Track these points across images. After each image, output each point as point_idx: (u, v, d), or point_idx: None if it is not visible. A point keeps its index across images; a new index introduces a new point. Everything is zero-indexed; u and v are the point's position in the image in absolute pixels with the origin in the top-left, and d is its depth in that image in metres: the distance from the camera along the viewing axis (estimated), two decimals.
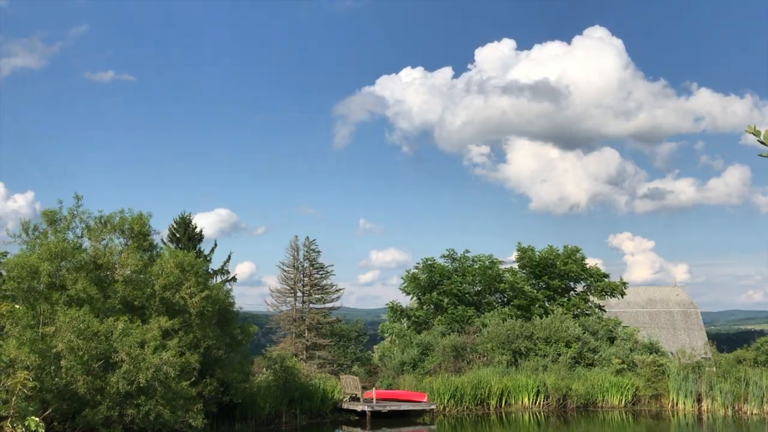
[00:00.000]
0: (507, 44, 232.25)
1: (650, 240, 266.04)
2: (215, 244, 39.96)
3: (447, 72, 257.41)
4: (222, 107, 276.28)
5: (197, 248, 37.30)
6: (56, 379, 17.86)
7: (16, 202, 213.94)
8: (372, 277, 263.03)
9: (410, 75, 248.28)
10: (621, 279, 42.70)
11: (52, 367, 17.82)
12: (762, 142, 4.16)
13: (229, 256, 40.44)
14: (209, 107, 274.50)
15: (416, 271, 41.19)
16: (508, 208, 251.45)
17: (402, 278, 41.57)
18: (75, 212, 22.20)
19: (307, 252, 47.43)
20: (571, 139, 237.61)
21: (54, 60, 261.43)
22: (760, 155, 4.20)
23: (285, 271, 47.53)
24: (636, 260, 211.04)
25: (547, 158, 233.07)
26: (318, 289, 47.71)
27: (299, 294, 47.64)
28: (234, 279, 40.05)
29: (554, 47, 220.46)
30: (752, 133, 4.16)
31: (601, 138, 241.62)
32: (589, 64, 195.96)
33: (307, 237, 48.36)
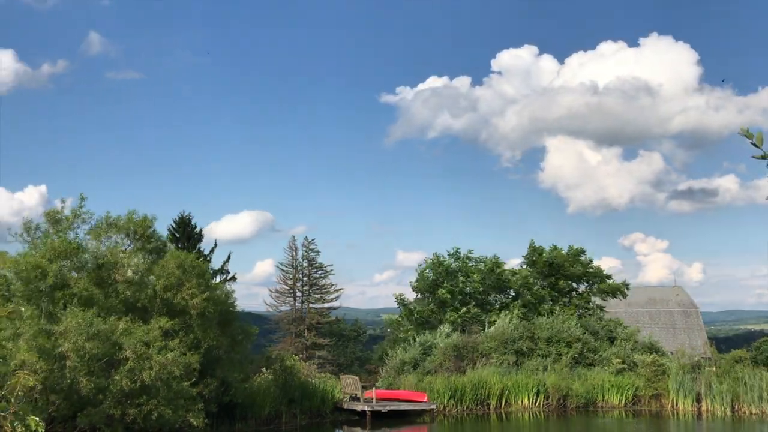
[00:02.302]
0: (529, 50, 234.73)
1: (664, 240, 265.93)
2: (215, 244, 39.93)
3: (472, 79, 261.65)
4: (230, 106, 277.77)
5: (197, 248, 37.30)
6: (60, 380, 17.88)
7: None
8: (388, 277, 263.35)
9: (438, 82, 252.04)
10: (624, 281, 42.78)
11: (56, 366, 17.84)
12: (755, 145, 4.18)
13: (229, 256, 40.46)
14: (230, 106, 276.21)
15: (425, 268, 41.23)
16: (550, 208, 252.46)
17: (417, 272, 41.52)
18: (78, 212, 22.21)
19: (305, 252, 47.44)
20: (623, 139, 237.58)
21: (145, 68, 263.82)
22: (753, 157, 4.23)
23: (284, 271, 47.56)
24: (651, 260, 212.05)
25: (596, 159, 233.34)
26: (317, 289, 47.71)
27: (298, 294, 47.65)
28: (234, 279, 40.08)
29: (611, 50, 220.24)
30: (745, 135, 4.18)
31: (656, 138, 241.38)
32: (652, 65, 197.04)
33: (306, 237, 48.47)
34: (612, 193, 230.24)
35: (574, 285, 42.06)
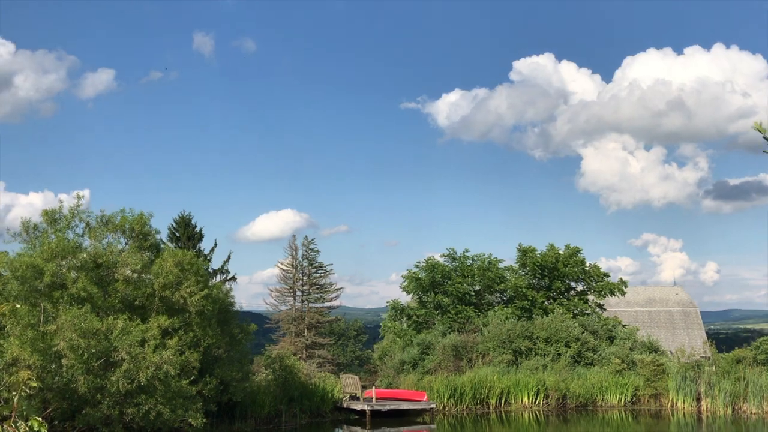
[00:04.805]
0: (548, 57, 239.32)
1: (678, 240, 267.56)
2: (215, 244, 39.91)
3: (491, 85, 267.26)
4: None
5: (197, 248, 37.30)
6: (57, 378, 17.86)
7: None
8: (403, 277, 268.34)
9: (465, 89, 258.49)
10: (621, 279, 42.73)
11: (53, 366, 17.83)
12: (767, 139, 4.19)
13: (229, 256, 40.43)
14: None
15: (417, 270, 41.17)
16: (589, 209, 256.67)
17: (403, 277, 41.54)
18: (75, 211, 22.22)
19: (306, 251, 47.45)
20: (684, 138, 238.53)
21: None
22: (765, 151, 4.24)
23: (284, 270, 47.54)
24: (665, 259, 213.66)
25: (647, 159, 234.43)
26: (317, 289, 47.72)
27: (298, 293, 47.66)
28: (234, 278, 40.06)
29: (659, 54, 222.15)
30: (758, 129, 4.19)
31: (699, 139, 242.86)
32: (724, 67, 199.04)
33: (306, 237, 48.45)
34: (656, 193, 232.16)
35: (572, 284, 42.02)
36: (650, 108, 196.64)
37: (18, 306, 16.34)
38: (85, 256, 21.17)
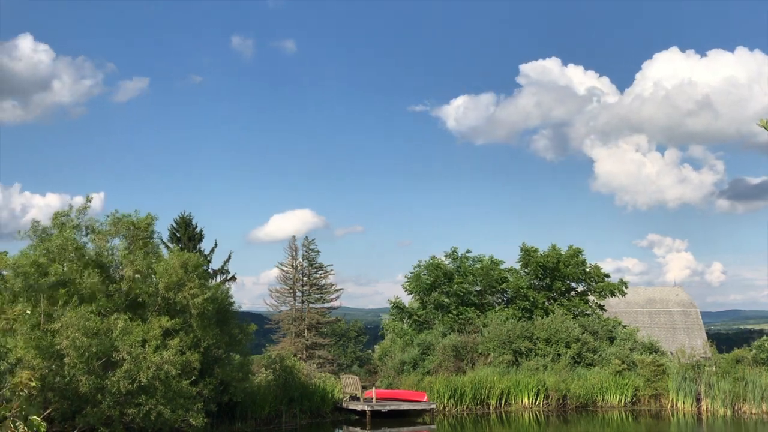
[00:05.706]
0: (554, 62, 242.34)
1: (683, 240, 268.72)
2: (215, 244, 39.96)
3: (498, 90, 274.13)
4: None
5: (197, 248, 37.36)
6: (58, 378, 17.88)
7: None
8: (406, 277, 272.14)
9: (473, 93, 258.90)
10: (621, 280, 42.70)
11: (54, 365, 17.85)
12: None
13: (229, 256, 40.48)
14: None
15: (420, 268, 41.21)
16: (605, 209, 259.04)
17: (406, 277, 41.53)
18: (83, 213, 22.33)
19: (306, 252, 47.44)
20: (708, 139, 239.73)
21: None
22: None
23: (284, 271, 47.54)
24: (670, 260, 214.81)
25: (667, 159, 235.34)
26: (317, 289, 47.71)
27: (298, 294, 47.65)
28: (233, 279, 40.09)
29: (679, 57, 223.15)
30: (764, 126, 4.20)
31: (718, 139, 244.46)
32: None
33: (306, 237, 48.52)
34: (671, 194, 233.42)
35: (572, 285, 42.00)
36: (679, 107, 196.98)
37: (29, 312, 16.35)
38: (89, 256, 21.23)
